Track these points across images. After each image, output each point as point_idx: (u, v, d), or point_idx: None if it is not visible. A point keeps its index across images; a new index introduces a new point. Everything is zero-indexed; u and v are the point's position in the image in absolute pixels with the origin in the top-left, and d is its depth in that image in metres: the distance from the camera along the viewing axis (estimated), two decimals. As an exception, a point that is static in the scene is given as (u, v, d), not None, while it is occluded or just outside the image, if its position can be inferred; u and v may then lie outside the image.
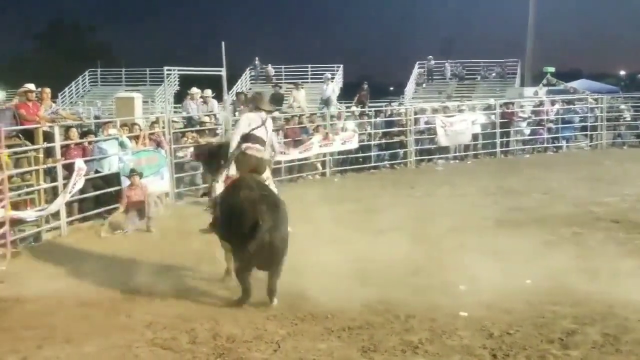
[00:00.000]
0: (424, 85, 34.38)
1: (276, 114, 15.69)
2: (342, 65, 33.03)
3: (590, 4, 45.51)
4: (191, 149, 13.46)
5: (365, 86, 24.99)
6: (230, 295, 7.00)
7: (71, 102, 33.47)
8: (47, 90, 11.89)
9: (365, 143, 17.05)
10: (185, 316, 6.42)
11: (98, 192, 11.02)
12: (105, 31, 58.14)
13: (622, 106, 22.61)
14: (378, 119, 18.26)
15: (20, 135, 9.96)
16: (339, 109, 21.13)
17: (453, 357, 5.39)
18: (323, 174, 16.21)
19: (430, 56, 35.75)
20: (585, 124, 21.07)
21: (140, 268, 8.19)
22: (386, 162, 17.60)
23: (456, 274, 7.48)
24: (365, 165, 16.86)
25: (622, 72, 37.13)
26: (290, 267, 6.79)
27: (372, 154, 17.25)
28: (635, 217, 10.56)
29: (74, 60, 43.84)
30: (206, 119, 14.66)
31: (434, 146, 18.22)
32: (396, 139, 17.72)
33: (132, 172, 10.88)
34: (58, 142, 10.29)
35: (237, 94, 21.99)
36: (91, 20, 56.95)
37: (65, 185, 10.03)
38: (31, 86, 10.72)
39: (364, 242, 8.64)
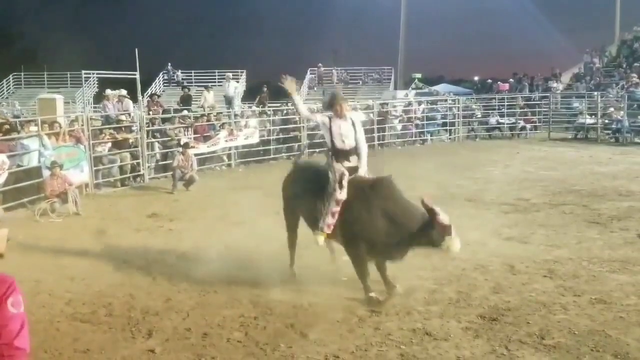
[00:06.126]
0: (315, 88, 34.58)
1: (185, 112, 15.28)
2: (245, 71, 32.61)
3: (452, 21, 47.64)
4: (109, 144, 13.00)
5: (265, 89, 24.76)
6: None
7: (-5, 103, 31.13)
8: None
9: (265, 138, 16.90)
10: (103, 292, 6.13)
11: (20, 185, 10.43)
12: (31, 38, 54.08)
13: (474, 106, 23.43)
14: (276, 117, 18.16)
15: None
16: (242, 108, 20.84)
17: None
18: (229, 165, 15.94)
19: (320, 64, 35.99)
20: (446, 120, 21.94)
21: (63, 250, 7.82)
22: (283, 154, 17.54)
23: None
24: (265, 157, 16.73)
25: (476, 78, 38.87)
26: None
27: (272, 147, 17.13)
28: (483, 197, 10.94)
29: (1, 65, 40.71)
30: (122, 117, 14.06)
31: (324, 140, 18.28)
32: (292, 134, 17.71)
33: (54, 164, 10.34)
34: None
35: (151, 95, 21.15)
36: (18, 27, 52.80)
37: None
38: None
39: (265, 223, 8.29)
